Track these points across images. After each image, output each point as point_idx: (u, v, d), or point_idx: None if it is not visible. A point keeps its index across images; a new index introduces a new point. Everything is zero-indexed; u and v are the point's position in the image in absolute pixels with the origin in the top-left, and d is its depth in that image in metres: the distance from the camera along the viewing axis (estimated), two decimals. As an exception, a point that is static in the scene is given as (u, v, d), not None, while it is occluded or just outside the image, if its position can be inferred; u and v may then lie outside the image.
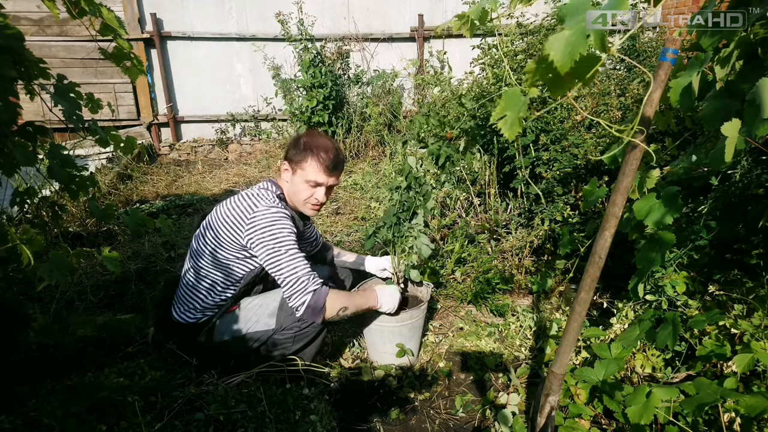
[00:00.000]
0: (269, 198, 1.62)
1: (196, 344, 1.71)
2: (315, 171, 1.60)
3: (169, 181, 4.38)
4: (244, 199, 1.62)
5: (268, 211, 1.56)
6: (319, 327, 1.69)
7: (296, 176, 1.63)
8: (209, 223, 1.68)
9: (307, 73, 4.80)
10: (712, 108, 0.96)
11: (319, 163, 1.60)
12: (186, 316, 1.68)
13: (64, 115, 1.38)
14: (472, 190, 2.78)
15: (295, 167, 1.63)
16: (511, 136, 0.84)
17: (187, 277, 1.70)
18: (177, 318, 1.69)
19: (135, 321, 1.97)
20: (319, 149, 1.60)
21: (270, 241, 1.53)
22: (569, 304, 2.15)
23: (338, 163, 1.64)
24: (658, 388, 1.14)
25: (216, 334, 1.69)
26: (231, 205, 1.63)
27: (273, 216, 1.56)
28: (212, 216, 1.68)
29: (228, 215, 1.61)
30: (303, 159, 1.60)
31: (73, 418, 1.43)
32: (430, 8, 5.45)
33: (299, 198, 1.66)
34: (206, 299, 1.67)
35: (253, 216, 1.56)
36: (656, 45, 3.52)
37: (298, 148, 1.62)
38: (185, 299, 1.69)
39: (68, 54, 5.06)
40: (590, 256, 1.09)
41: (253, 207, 1.58)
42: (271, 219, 1.55)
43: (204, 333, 1.69)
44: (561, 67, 0.70)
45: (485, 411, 1.59)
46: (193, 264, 1.69)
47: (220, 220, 1.63)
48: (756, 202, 1.54)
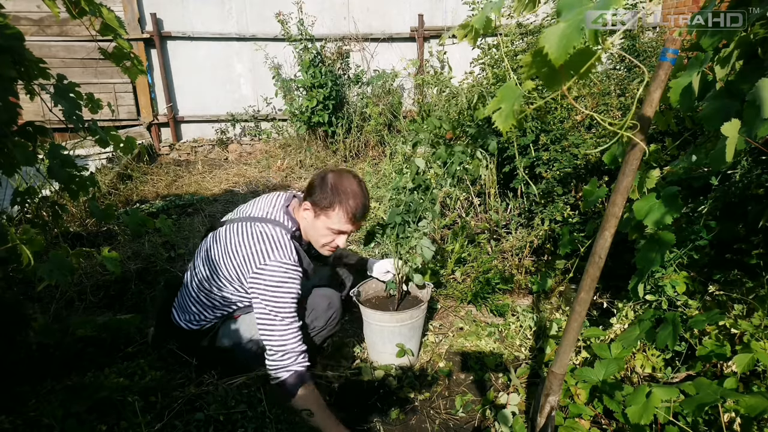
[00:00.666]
0: (284, 245, 1.49)
1: (198, 347, 1.70)
2: (341, 220, 1.51)
3: (169, 181, 4.38)
4: (259, 241, 1.49)
5: (279, 269, 1.46)
6: (324, 337, 1.69)
7: (319, 221, 1.53)
8: (217, 244, 1.58)
9: (307, 73, 4.80)
10: (712, 108, 0.96)
11: (346, 213, 1.50)
12: (190, 324, 1.65)
13: (64, 115, 1.38)
14: (472, 190, 2.78)
15: (319, 212, 1.51)
16: (506, 128, 0.84)
17: (191, 289, 1.65)
18: (179, 323, 1.67)
19: (135, 321, 1.97)
20: (348, 197, 1.49)
21: (270, 302, 1.45)
22: (569, 304, 2.15)
23: (366, 212, 1.54)
24: (658, 388, 1.14)
25: (218, 340, 1.68)
26: (243, 240, 1.51)
27: (282, 277, 1.46)
28: (221, 239, 1.58)
29: (238, 250, 1.51)
30: (329, 206, 1.49)
31: (73, 418, 1.43)
32: (430, 8, 5.45)
33: (317, 241, 1.58)
34: (210, 313, 1.64)
35: (263, 267, 1.46)
36: (656, 45, 3.52)
37: (325, 192, 1.49)
38: (188, 309, 1.65)
39: (68, 54, 5.06)
40: (590, 256, 1.09)
41: (266, 256, 1.47)
42: (279, 279, 1.45)
43: (207, 339, 1.67)
44: (556, 60, 0.70)
45: (485, 411, 1.59)
46: (197, 280, 1.63)
47: (228, 251, 1.53)
48: (756, 202, 1.54)
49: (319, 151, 4.98)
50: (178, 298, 1.71)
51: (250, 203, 1.68)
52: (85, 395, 1.53)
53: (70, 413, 1.45)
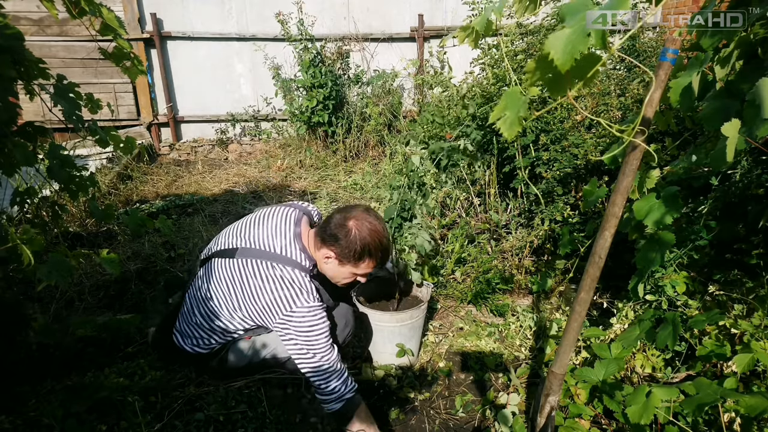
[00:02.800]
0: (307, 289, 1.46)
1: (207, 368, 1.68)
2: (368, 267, 1.52)
3: (169, 181, 4.38)
4: (282, 287, 1.45)
5: (307, 314, 1.44)
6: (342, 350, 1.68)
7: (344, 268, 1.51)
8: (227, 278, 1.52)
9: (307, 73, 4.80)
10: (712, 108, 0.96)
11: (374, 261, 1.51)
12: (196, 348, 1.61)
13: (63, 115, 1.38)
14: (472, 190, 2.78)
15: (346, 262, 1.49)
16: (511, 136, 0.84)
17: (195, 317, 1.59)
18: (183, 347, 1.62)
19: (135, 321, 1.97)
20: (377, 248, 1.48)
21: (305, 344, 1.45)
22: (569, 304, 2.15)
23: (388, 256, 1.54)
24: (658, 388, 1.14)
25: (229, 361, 1.65)
26: (264, 285, 1.46)
27: (311, 321, 1.44)
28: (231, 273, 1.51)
29: (259, 295, 1.47)
30: (359, 259, 1.48)
31: (73, 418, 1.43)
32: (430, 8, 5.45)
33: (338, 280, 1.58)
34: (220, 337, 1.60)
35: (290, 314, 1.44)
36: (656, 45, 3.52)
37: (351, 244, 1.45)
38: (191, 334, 1.60)
39: (68, 54, 5.06)
40: (590, 256, 1.09)
41: (292, 303, 1.44)
42: (309, 324, 1.44)
43: (216, 360, 1.64)
44: (561, 65, 0.69)
45: (485, 411, 1.59)
46: (203, 311, 1.57)
47: (246, 291, 1.49)
48: (756, 202, 1.54)
49: (319, 151, 4.98)
50: (179, 323, 1.64)
51: (255, 224, 1.59)
52: (85, 395, 1.53)
53: (70, 413, 1.46)
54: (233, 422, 1.52)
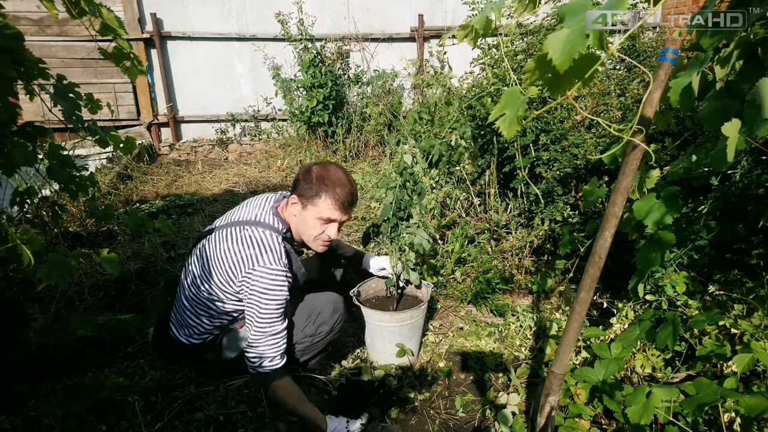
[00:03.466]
0: (273, 248, 1.49)
1: (204, 361, 1.68)
2: (329, 207, 1.50)
3: (169, 181, 4.38)
4: (248, 246, 1.49)
5: (266, 275, 1.46)
6: (329, 341, 1.69)
7: (307, 212, 1.52)
8: (207, 252, 1.57)
9: (307, 73, 4.80)
10: (712, 108, 0.96)
11: (334, 200, 1.49)
12: (191, 339, 1.62)
13: (63, 115, 1.38)
14: (472, 190, 2.78)
15: (306, 203, 1.51)
16: (510, 135, 0.84)
17: (185, 302, 1.62)
18: (180, 339, 1.63)
19: (135, 321, 1.98)
20: (335, 184, 1.49)
21: (255, 305, 1.47)
22: (569, 304, 2.15)
23: (354, 199, 1.54)
24: (658, 388, 1.14)
25: (224, 353, 1.65)
26: (231, 245, 1.51)
27: (269, 283, 1.46)
28: (210, 246, 1.57)
29: (227, 256, 1.51)
30: (316, 195, 1.49)
31: (73, 418, 1.43)
32: (430, 8, 5.45)
33: (309, 235, 1.56)
34: (209, 323, 1.61)
35: (250, 272, 1.46)
36: (656, 45, 3.52)
37: (310, 183, 1.50)
38: (185, 323, 1.62)
39: (68, 54, 5.06)
40: (590, 256, 1.09)
41: (254, 262, 1.47)
42: (266, 286, 1.46)
43: (212, 352, 1.65)
44: (560, 66, 0.70)
45: (485, 411, 1.59)
46: (191, 292, 1.60)
47: (218, 256, 1.53)
48: (756, 202, 1.54)
49: (319, 151, 4.98)
50: (174, 314, 1.67)
51: (239, 207, 1.65)
52: (85, 395, 1.53)
53: (70, 413, 1.46)
54: (233, 422, 1.52)
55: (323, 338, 1.68)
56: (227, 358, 1.65)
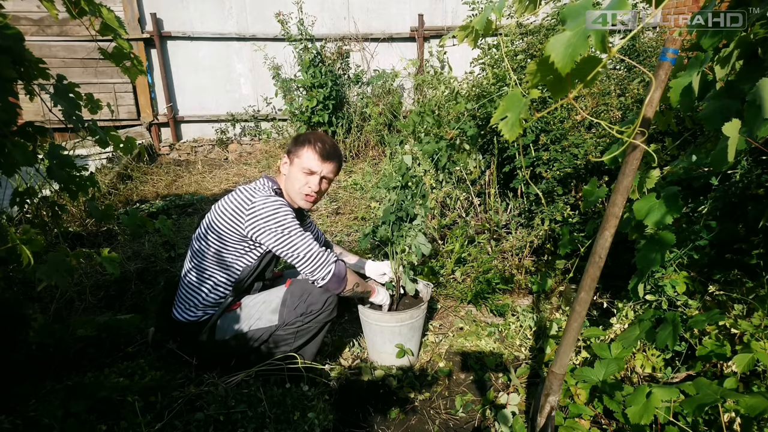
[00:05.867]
0: (265, 191, 1.66)
1: (198, 343, 1.71)
2: (310, 158, 1.67)
3: (169, 181, 4.38)
4: (241, 192, 1.66)
5: (267, 200, 1.60)
6: (322, 322, 1.69)
7: (293, 166, 1.70)
8: (208, 221, 1.70)
9: (307, 73, 4.80)
10: (712, 108, 0.96)
11: (314, 151, 1.67)
12: (187, 315, 1.68)
13: (63, 115, 1.38)
14: (472, 190, 2.78)
15: (293, 157, 1.70)
16: (512, 138, 0.84)
17: (188, 276, 1.70)
18: (178, 317, 1.69)
19: (135, 321, 1.97)
20: (316, 139, 1.69)
21: (277, 227, 1.59)
22: (569, 304, 2.15)
23: (333, 152, 1.70)
24: (658, 388, 1.14)
25: (218, 333, 1.69)
26: (228, 200, 1.67)
27: (273, 204, 1.60)
28: (210, 214, 1.71)
29: (226, 209, 1.64)
30: (300, 148, 1.68)
31: (73, 418, 1.43)
32: (430, 8, 5.45)
33: (295, 188, 1.70)
34: (207, 296, 1.67)
35: (253, 206, 1.59)
36: (656, 45, 3.51)
37: (297, 141, 1.71)
38: (186, 298, 1.69)
39: (68, 54, 5.06)
40: (590, 256, 1.09)
41: (251, 198, 1.61)
42: (273, 207, 1.60)
43: (205, 331, 1.69)
44: (562, 68, 0.70)
45: (485, 411, 1.59)
46: (194, 264, 1.70)
47: (218, 215, 1.65)
48: (756, 202, 1.54)
49: (319, 151, 4.98)
50: (177, 292, 1.75)
51: None
52: (85, 395, 1.53)
53: (70, 413, 1.46)
54: (233, 422, 1.52)
55: (314, 318, 1.66)
56: (220, 340, 1.68)
